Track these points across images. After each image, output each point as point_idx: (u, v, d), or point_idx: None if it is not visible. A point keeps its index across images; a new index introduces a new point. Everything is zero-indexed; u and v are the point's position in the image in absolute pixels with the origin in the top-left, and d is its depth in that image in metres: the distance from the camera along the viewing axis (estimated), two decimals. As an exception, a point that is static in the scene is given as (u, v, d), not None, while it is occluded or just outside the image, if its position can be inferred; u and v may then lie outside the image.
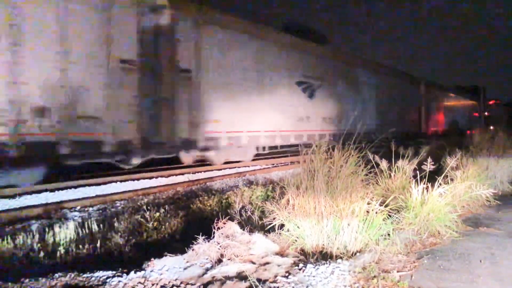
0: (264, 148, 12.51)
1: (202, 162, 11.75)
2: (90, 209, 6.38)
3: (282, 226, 3.87)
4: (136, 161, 8.87)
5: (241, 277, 3.00)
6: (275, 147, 12.86)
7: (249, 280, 2.86)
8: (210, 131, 10.33)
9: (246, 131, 11.47)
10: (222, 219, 3.63)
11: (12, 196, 7.11)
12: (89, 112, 7.67)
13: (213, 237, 3.48)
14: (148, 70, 8.80)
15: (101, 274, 3.15)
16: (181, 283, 3.01)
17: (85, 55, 7.58)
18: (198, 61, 10.11)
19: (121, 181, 8.99)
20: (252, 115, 11.73)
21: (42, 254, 3.88)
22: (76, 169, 9.11)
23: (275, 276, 3.04)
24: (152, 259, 3.32)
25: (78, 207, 6.44)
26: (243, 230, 3.67)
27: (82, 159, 7.84)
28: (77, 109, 7.48)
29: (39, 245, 4.10)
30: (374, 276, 3.15)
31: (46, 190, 7.67)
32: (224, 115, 10.77)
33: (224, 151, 11.23)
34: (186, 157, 10.73)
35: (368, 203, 3.78)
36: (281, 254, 3.49)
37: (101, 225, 4.86)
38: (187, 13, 9.84)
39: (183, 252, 3.41)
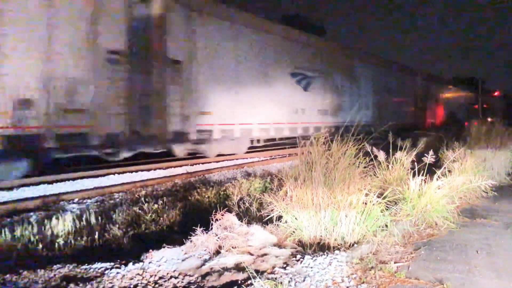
0: (258, 140, 12.52)
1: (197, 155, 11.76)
2: (88, 201, 6.38)
3: (280, 217, 3.88)
4: (125, 154, 8.82)
5: (239, 268, 3.01)
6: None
7: (247, 271, 2.87)
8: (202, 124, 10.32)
9: (238, 123, 11.47)
10: (220, 210, 3.63)
11: (10, 188, 7.10)
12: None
13: (211, 228, 3.48)
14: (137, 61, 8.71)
15: (99, 265, 3.16)
16: (179, 274, 3.02)
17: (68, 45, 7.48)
18: (190, 52, 10.03)
19: (119, 173, 8.97)
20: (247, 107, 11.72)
21: (40, 246, 3.88)
22: (74, 162, 9.10)
23: (273, 267, 3.05)
24: (150, 250, 3.33)
25: (77, 199, 6.43)
26: (241, 221, 3.68)
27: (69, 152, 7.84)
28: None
29: (37, 237, 4.10)
30: (372, 267, 3.17)
31: (44, 183, 7.67)
32: (217, 107, 10.74)
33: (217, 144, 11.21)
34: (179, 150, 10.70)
35: (366, 195, 3.79)
36: (279, 245, 3.51)
37: (99, 217, 4.85)
38: (179, 2, 9.74)
39: (181, 243, 3.42)
